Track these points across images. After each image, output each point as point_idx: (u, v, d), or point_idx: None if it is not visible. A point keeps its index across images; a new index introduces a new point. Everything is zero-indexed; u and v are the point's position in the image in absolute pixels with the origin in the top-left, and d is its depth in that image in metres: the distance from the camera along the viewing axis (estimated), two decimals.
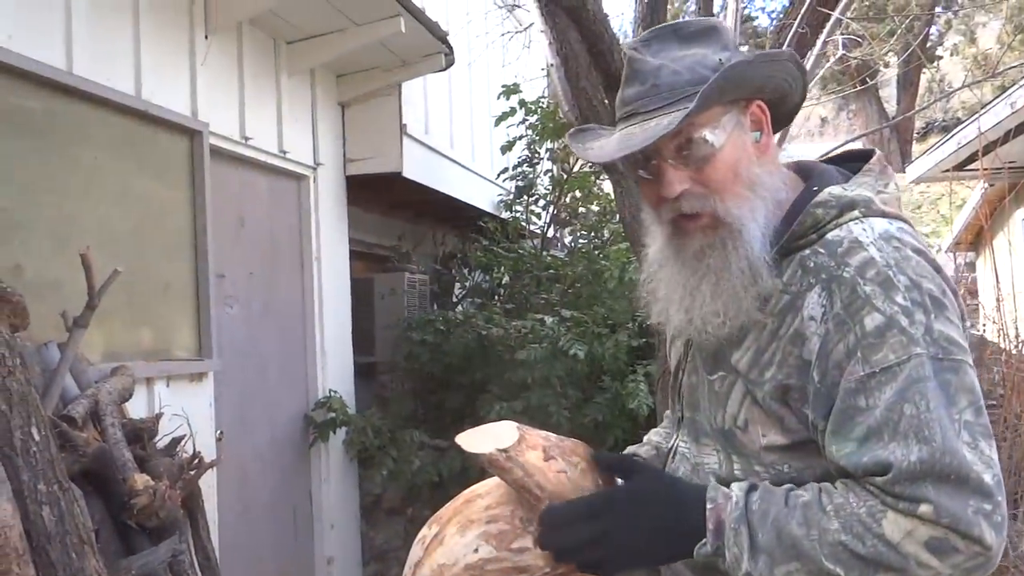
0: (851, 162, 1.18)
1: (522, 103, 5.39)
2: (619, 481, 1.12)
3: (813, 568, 0.96)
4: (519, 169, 5.69)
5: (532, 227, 5.87)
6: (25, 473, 1.73)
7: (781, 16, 4.74)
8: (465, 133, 5.96)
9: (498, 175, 5.87)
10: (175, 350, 3.13)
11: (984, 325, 3.89)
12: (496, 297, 5.68)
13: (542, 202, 5.94)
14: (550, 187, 5.92)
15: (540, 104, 5.57)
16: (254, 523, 3.67)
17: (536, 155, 5.74)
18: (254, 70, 3.71)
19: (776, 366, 1.04)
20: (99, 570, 1.82)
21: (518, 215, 5.82)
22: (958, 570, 0.92)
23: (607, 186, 5.42)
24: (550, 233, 5.97)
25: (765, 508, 0.99)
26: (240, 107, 3.62)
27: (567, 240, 6.42)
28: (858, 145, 1.24)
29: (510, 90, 5.34)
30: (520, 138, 5.53)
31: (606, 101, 3.30)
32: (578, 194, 5.87)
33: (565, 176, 5.75)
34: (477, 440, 1.09)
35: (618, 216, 3.89)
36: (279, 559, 3.86)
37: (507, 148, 5.53)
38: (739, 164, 1.08)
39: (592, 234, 5.73)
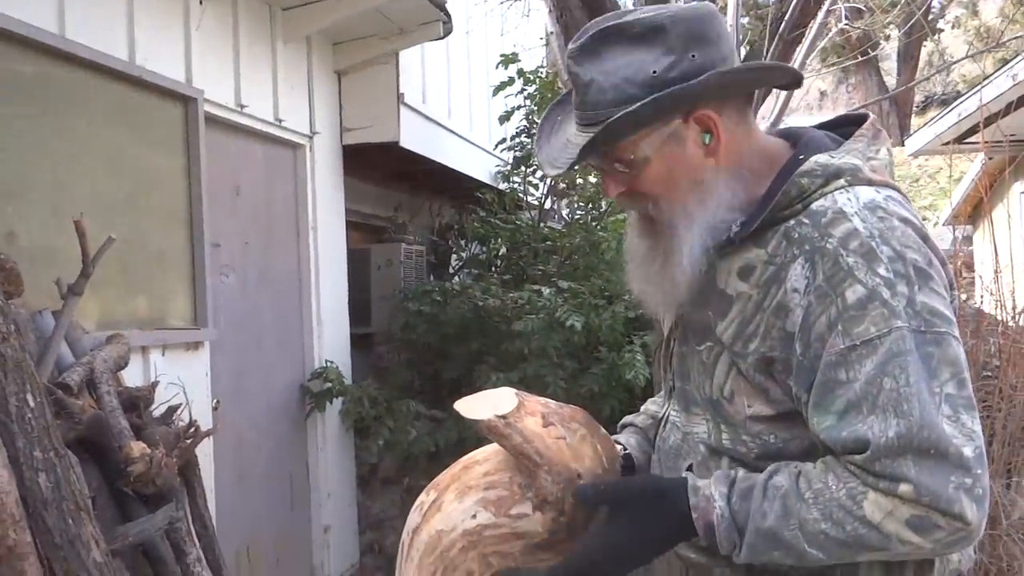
0: (844, 127, 1.15)
1: (521, 73, 5.33)
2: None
3: (796, 554, 0.98)
4: (517, 140, 5.64)
5: (530, 198, 5.84)
6: (20, 440, 1.73)
7: None
8: (463, 103, 5.91)
9: (496, 146, 5.82)
10: (170, 319, 3.12)
11: (981, 297, 3.89)
12: (493, 268, 5.66)
13: (540, 173, 5.90)
14: None
15: (539, 74, 5.52)
16: (250, 492, 3.68)
17: (534, 125, 5.69)
18: (249, 37, 3.66)
19: (760, 338, 1.03)
20: (95, 536, 1.83)
21: (516, 186, 5.78)
22: (940, 545, 0.93)
23: None
24: (548, 204, 5.94)
25: (746, 508, 1.00)
26: (235, 74, 3.57)
27: (564, 212, 6.39)
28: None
29: (508, 59, 5.29)
30: (518, 108, 5.47)
31: None
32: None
33: None
34: (476, 406, 1.08)
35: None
36: (276, 527, 3.88)
37: (505, 118, 5.48)
38: (672, 172, 1.08)
39: (590, 205, 5.70)
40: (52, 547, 1.75)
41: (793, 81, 1.16)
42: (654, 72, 1.04)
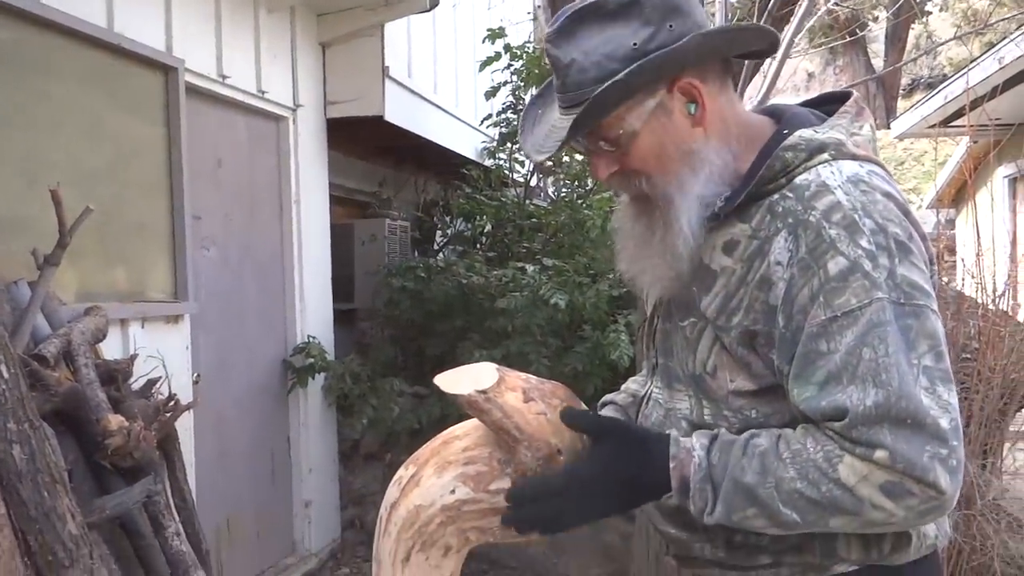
0: (828, 105, 1.15)
1: (507, 48, 5.28)
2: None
3: (769, 513, 0.98)
4: (503, 116, 5.60)
5: (515, 175, 5.81)
6: None
7: None
8: (449, 77, 5.85)
9: (482, 121, 5.78)
10: (150, 291, 3.08)
11: (963, 279, 3.91)
12: (478, 245, 5.64)
13: None
14: None
15: (526, 49, 5.46)
16: (232, 466, 3.67)
17: (521, 102, 5.64)
18: (231, 5, 3.60)
19: (743, 311, 1.04)
20: (72, 509, 1.81)
21: (501, 163, 5.75)
22: (912, 512, 0.93)
23: None
24: (533, 182, 5.91)
25: (724, 461, 1.00)
26: (217, 44, 3.51)
27: (550, 189, 6.36)
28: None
29: (495, 34, 5.23)
30: (505, 84, 5.43)
31: None
32: None
33: None
34: (456, 381, 1.07)
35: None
36: (257, 502, 3.88)
37: (491, 94, 5.43)
38: (663, 145, 1.07)
39: (575, 183, 5.67)
40: (27, 519, 1.73)
41: (769, 46, 1.15)
42: (634, 45, 1.04)
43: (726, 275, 1.06)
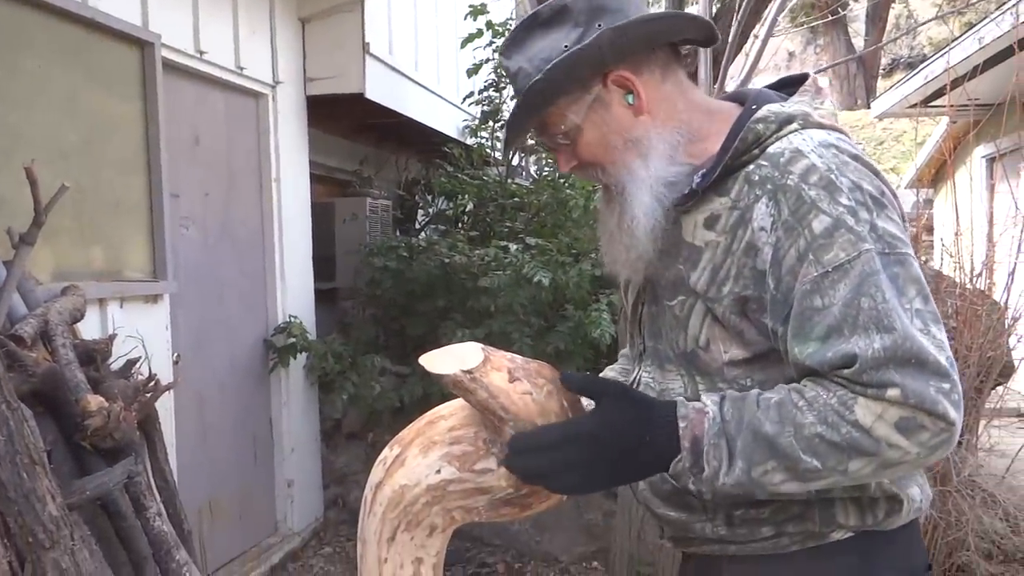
0: (787, 88, 1.20)
1: (489, 25, 5.23)
2: (586, 403, 1.10)
3: (790, 463, 0.98)
4: (485, 94, 5.56)
5: (497, 154, 5.78)
6: None
7: None
8: (430, 54, 5.80)
9: (463, 99, 5.74)
10: (128, 271, 3.05)
11: (941, 259, 3.95)
12: (460, 224, 5.62)
13: None
14: None
15: (508, 26, 5.42)
16: (213, 447, 3.65)
17: (503, 80, 5.61)
18: None
19: (732, 279, 1.06)
20: (51, 490, 1.79)
21: (483, 141, 5.71)
22: (924, 448, 0.96)
23: None
24: (515, 161, 5.89)
25: (739, 415, 1.00)
26: (194, 18, 3.45)
27: (532, 168, 6.34)
28: (813, 79, 1.26)
29: (477, 11, 5.18)
30: (487, 61, 5.38)
31: None
32: None
33: None
34: (441, 361, 1.06)
35: None
36: (239, 482, 3.87)
37: (473, 72, 5.39)
38: (605, 135, 1.14)
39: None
40: (6, 501, 1.72)
41: (705, 37, 1.20)
42: (565, 47, 1.11)
43: (711, 248, 1.08)
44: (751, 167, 1.06)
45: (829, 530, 1.10)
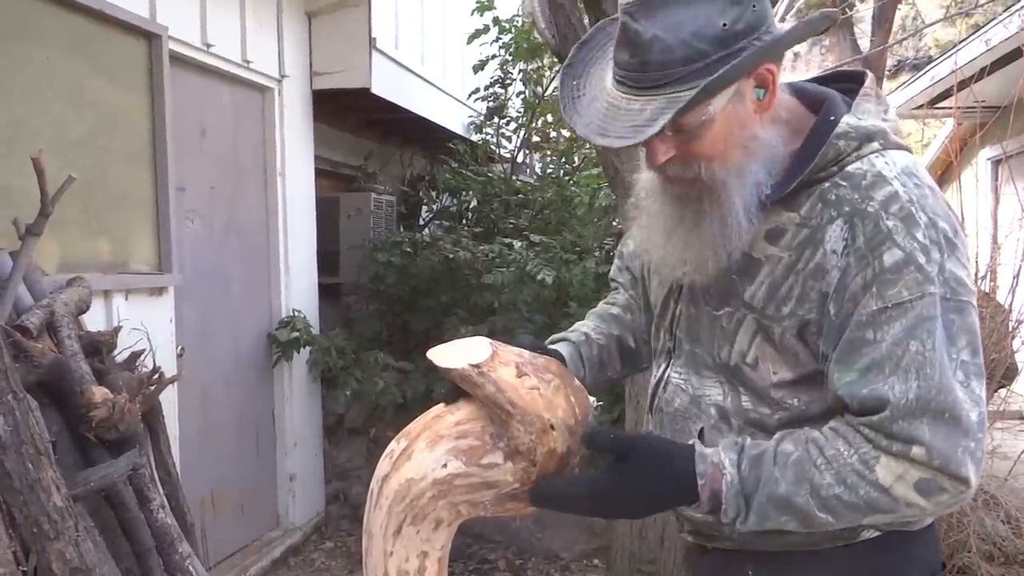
0: (839, 83, 1.15)
1: (496, 21, 5.23)
2: (593, 401, 1.11)
3: (804, 518, 1.00)
4: (491, 90, 5.57)
5: (502, 151, 5.78)
6: None
7: None
8: (436, 50, 5.79)
9: (469, 95, 5.74)
10: (134, 263, 3.05)
11: None
12: (464, 220, 5.62)
13: (513, 125, 5.83)
14: (522, 110, 5.80)
15: (514, 23, 5.42)
16: (216, 440, 3.66)
17: (508, 76, 5.61)
18: None
19: (796, 300, 1.03)
20: (56, 480, 1.79)
21: (488, 138, 5.72)
22: (941, 507, 0.97)
23: None
24: (520, 157, 5.89)
25: (756, 474, 1.01)
26: (201, 11, 3.45)
27: (537, 165, 6.34)
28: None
29: (483, 6, 5.18)
30: (493, 58, 5.39)
31: (585, 19, 3.20)
32: (550, 118, 5.77)
33: (537, 100, 5.64)
34: (449, 355, 1.06)
35: (601, 167, 3.79)
36: (241, 475, 3.87)
37: (479, 68, 5.39)
38: (731, 132, 1.03)
39: (562, 160, 5.66)
40: (11, 491, 1.72)
41: (826, 28, 1.16)
42: (724, 25, 0.97)
43: (771, 263, 1.05)
44: (826, 184, 1.02)
45: (861, 528, 1.09)
